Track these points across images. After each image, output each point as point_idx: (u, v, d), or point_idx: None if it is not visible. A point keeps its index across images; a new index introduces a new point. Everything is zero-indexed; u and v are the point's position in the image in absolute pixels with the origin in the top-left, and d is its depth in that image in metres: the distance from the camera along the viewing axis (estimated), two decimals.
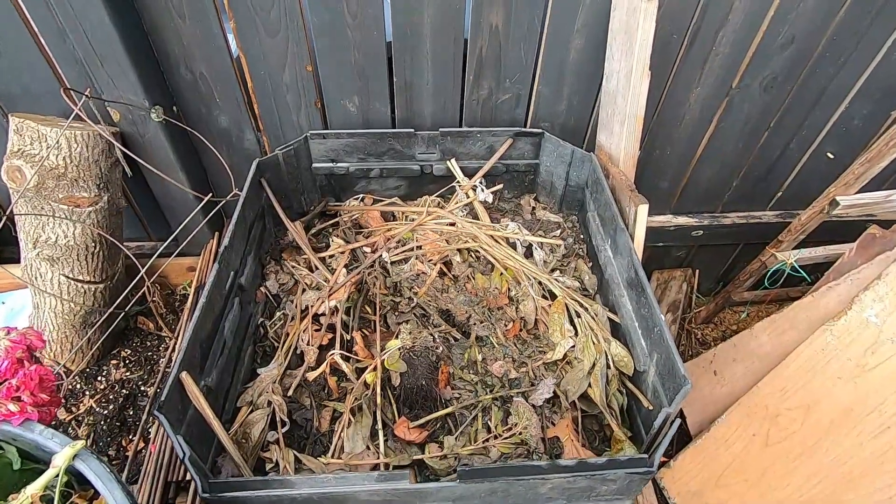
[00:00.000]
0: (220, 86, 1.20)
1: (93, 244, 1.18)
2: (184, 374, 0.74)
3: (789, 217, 1.60)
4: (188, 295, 1.46)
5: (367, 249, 1.19)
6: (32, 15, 1.05)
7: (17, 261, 1.32)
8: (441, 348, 0.99)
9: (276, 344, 1.04)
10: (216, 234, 1.43)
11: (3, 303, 1.39)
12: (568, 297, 1.04)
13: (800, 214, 1.36)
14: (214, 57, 1.15)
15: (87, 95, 1.06)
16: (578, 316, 1.02)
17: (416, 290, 1.13)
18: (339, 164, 1.27)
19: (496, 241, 1.17)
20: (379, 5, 1.10)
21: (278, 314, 1.07)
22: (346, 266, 1.14)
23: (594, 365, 0.95)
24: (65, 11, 1.00)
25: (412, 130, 1.22)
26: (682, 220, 1.62)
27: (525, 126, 1.32)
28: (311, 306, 1.04)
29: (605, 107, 1.19)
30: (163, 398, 0.69)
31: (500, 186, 1.29)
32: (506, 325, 1.09)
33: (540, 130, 1.24)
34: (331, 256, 1.17)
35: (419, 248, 1.19)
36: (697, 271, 1.82)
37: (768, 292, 1.66)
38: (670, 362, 0.78)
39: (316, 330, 1.01)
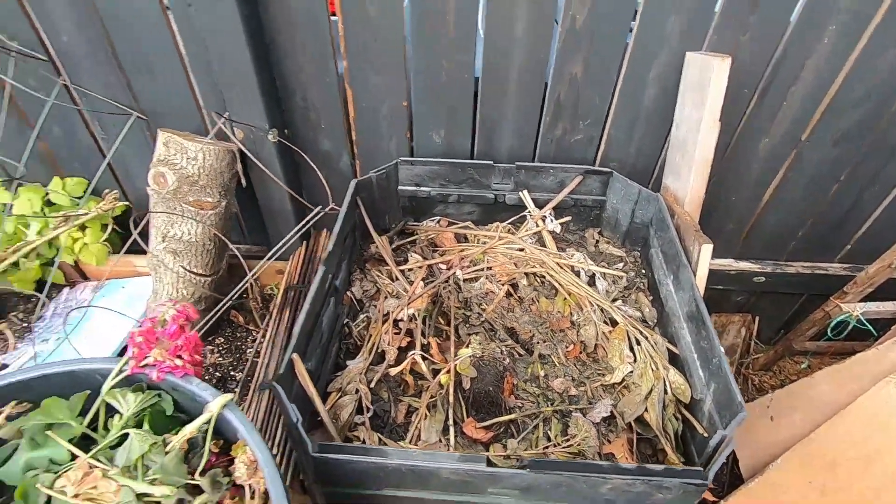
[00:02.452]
0: (327, 115, 1.39)
1: (209, 242, 1.37)
2: (295, 355, 0.87)
3: (857, 270, 1.59)
4: (274, 294, 1.63)
5: (443, 266, 1.32)
6: (186, 50, 1.27)
7: (140, 252, 1.54)
8: (507, 360, 1.09)
9: (358, 343, 1.17)
10: (304, 242, 1.60)
11: (124, 287, 1.61)
12: (629, 325, 1.11)
13: (867, 268, 1.37)
14: (325, 90, 1.33)
15: (226, 118, 1.26)
16: (638, 344, 1.09)
17: (485, 307, 1.24)
18: (421, 188, 1.42)
19: (562, 269, 1.26)
20: (472, 53, 1.26)
21: (361, 317, 1.20)
22: (423, 280, 1.26)
23: (651, 390, 1.01)
24: (214, 48, 1.21)
25: (491, 163, 1.35)
26: (745, 265, 1.65)
27: (594, 164, 1.42)
28: (392, 312, 1.17)
29: (673, 152, 1.28)
30: (280, 372, 0.83)
31: (569, 219, 1.39)
32: (566, 347, 1.17)
33: (609, 170, 1.33)
34: (409, 270, 1.30)
35: (489, 269, 1.29)
36: (757, 318, 1.81)
37: (831, 344, 1.64)
38: (728, 392, 0.83)
39: (395, 333, 1.13)
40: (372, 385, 1.02)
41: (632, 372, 1.07)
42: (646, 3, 1.16)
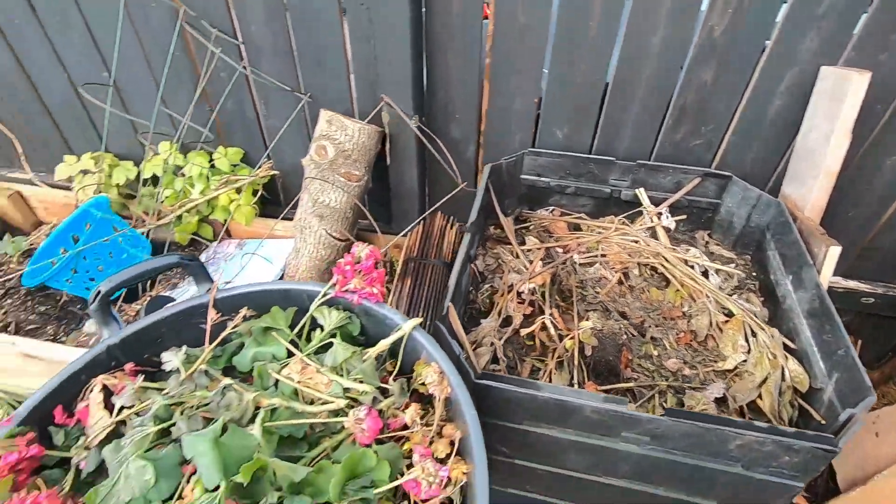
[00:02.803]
0: (462, 107, 1.54)
1: (349, 211, 1.56)
2: (450, 304, 1.02)
3: None
4: (391, 264, 1.81)
5: (559, 250, 1.43)
6: (352, 47, 1.47)
7: (274, 218, 1.77)
8: (625, 336, 1.18)
9: (482, 309, 1.30)
10: (423, 222, 1.76)
11: (262, 246, 1.84)
12: (747, 317, 1.17)
13: None
14: (466, 85, 1.49)
15: (387, 102, 1.45)
16: (754, 335, 1.15)
17: (599, 290, 1.33)
18: (542, 179, 1.54)
19: (676, 262, 1.34)
20: (608, 59, 1.37)
21: (485, 286, 1.34)
22: (541, 260, 1.38)
23: (767, 378, 1.07)
24: (380, 45, 1.39)
25: (613, 159, 1.45)
26: (853, 284, 1.64)
27: (710, 168, 1.49)
28: (515, 285, 1.29)
29: (797, 160, 1.32)
30: (443, 314, 0.97)
31: (684, 217, 1.46)
32: (677, 334, 1.25)
33: (729, 174, 1.40)
34: (528, 251, 1.42)
35: (604, 256, 1.39)
36: (860, 341, 1.78)
37: None
38: (854, 379, 0.89)
39: (519, 303, 1.26)
40: (501, 342, 1.14)
41: (745, 361, 1.13)
42: (785, 19, 1.23)
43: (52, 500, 0.65)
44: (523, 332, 1.15)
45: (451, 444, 0.79)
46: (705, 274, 1.35)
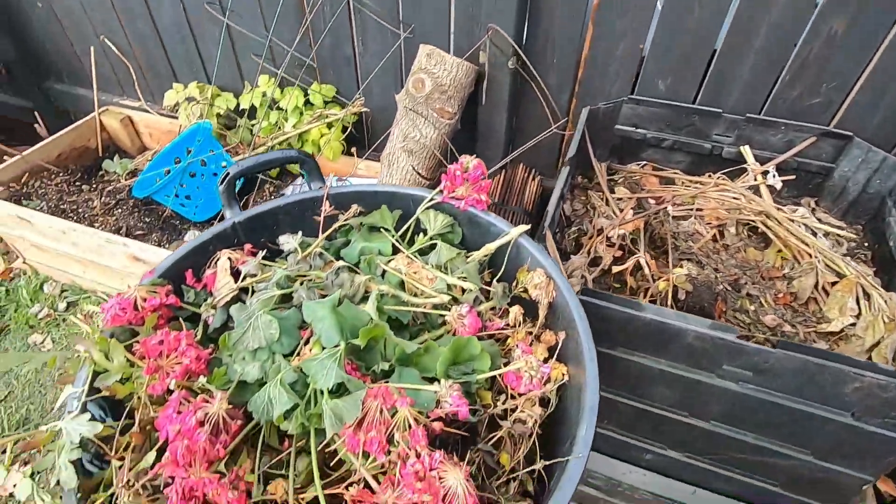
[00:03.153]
0: (562, 51, 1.51)
1: (437, 148, 1.58)
2: (548, 231, 1.01)
3: None
4: None
5: (652, 202, 1.38)
6: None
7: (361, 157, 1.81)
8: (721, 286, 1.13)
9: (568, 250, 1.29)
10: (503, 170, 1.76)
11: (346, 182, 1.90)
12: (861, 278, 1.10)
13: None
14: (569, 28, 1.45)
15: (495, 29, 1.44)
16: (867, 297, 1.07)
17: (692, 244, 1.29)
18: (638, 130, 1.49)
19: (781, 222, 1.27)
20: (727, 2, 1.29)
21: (573, 228, 1.32)
22: (631, 209, 1.34)
23: (879, 342, 1.00)
24: None
25: (719, 111, 1.38)
26: None
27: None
28: (605, 228, 1.27)
29: None
30: (541, 234, 0.97)
31: (793, 177, 1.37)
32: (776, 294, 1.18)
33: (849, 133, 1.30)
34: (619, 199, 1.39)
35: (699, 210, 1.34)
36: None
37: None
38: None
39: (608, 246, 1.23)
40: (591, 278, 1.13)
41: (854, 325, 1.06)
42: None
43: (189, 339, 0.71)
44: (615, 269, 1.13)
45: (550, 350, 0.79)
46: (813, 236, 1.26)
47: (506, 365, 0.76)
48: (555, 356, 0.77)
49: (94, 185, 1.99)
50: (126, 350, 0.67)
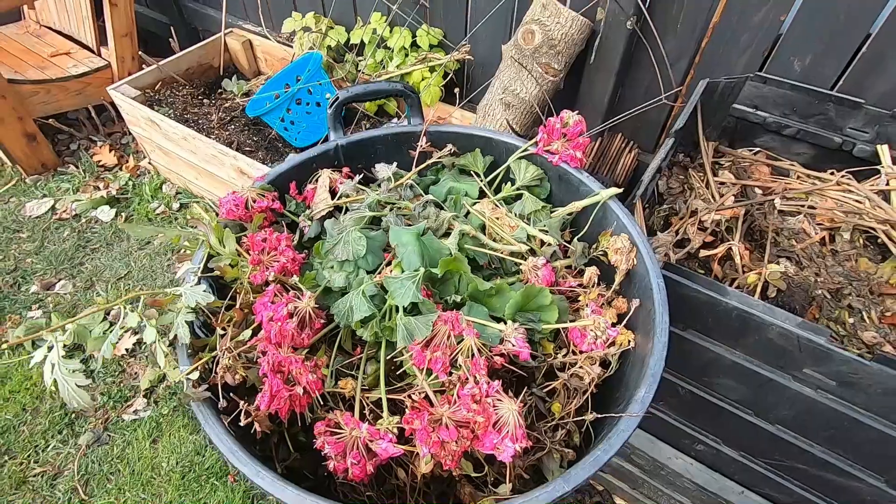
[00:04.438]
0: (690, 13, 1.39)
1: (535, 106, 1.55)
2: (639, 199, 0.98)
3: None
4: None
5: (758, 191, 1.28)
6: None
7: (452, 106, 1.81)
8: (819, 292, 1.05)
9: (655, 228, 1.24)
10: (599, 138, 1.69)
11: None
12: None
13: None
14: None
15: None
16: None
17: (794, 243, 1.19)
18: (757, 112, 1.36)
19: None
20: None
21: (664, 206, 1.26)
22: (733, 196, 1.25)
23: None
24: None
25: (861, 101, 1.23)
26: None
27: None
28: (700, 211, 1.20)
29: None
30: (630, 202, 0.94)
31: None
32: (883, 313, 1.08)
33: None
34: (721, 183, 1.30)
35: (812, 209, 1.22)
36: None
37: None
38: None
39: (700, 229, 1.17)
40: (675, 258, 1.08)
41: None
42: None
43: (288, 241, 0.78)
44: (703, 253, 1.08)
45: (619, 316, 0.79)
46: None
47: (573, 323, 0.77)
48: (623, 323, 0.77)
49: (213, 101, 2.17)
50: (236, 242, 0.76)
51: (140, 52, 2.40)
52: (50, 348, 0.63)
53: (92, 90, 2.44)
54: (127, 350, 1.80)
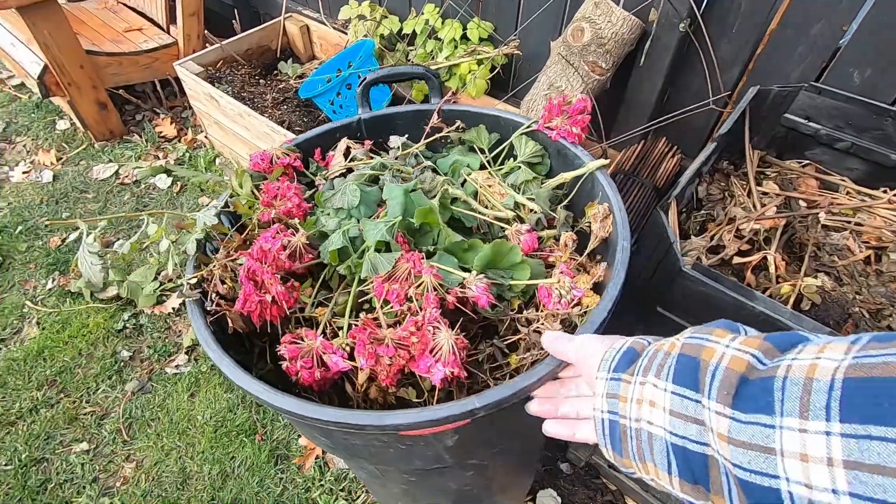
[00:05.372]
0: (748, 19, 1.37)
1: None
2: (674, 200, 0.98)
3: None
4: None
5: (803, 203, 1.26)
6: None
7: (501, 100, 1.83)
8: (857, 310, 1.03)
9: (689, 233, 1.23)
10: (642, 140, 1.68)
11: None
12: None
13: None
14: None
15: None
16: None
17: (836, 259, 1.16)
18: (809, 124, 1.33)
19: None
20: None
21: (703, 212, 1.25)
22: (775, 207, 1.23)
23: None
24: None
25: None
26: None
27: None
28: (738, 219, 1.19)
29: None
30: (667, 201, 0.95)
31: None
32: None
33: None
34: (764, 193, 1.28)
35: (859, 225, 1.19)
36: None
37: None
38: None
39: (736, 237, 1.16)
40: (707, 263, 1.08)
41: None
42: None
43: (297, 191, 0.86)
44: (736, 261, 1.08)
45: (595, 284, 0.80)
46: None
47: None
48: (591, 286, 0.78)
49: (269, 81, 2.27)
50: (255, 188, 0.85)
51: (205, 32, 2.53)
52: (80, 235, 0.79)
53: (159, 65, 2.59)
54: (174, 309, 1.92)
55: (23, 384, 1.70)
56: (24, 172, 2.52)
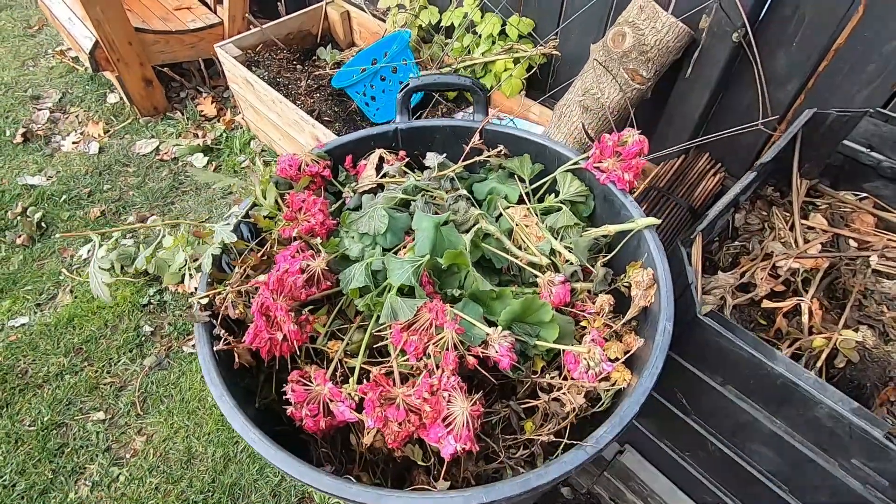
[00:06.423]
0: (809, 32, 1.23)
1: (616, 113, 1.46)
2: (699, 233, 0.90)
3: None
4: None
5: (853, 243, 1.13)
6: None
7: (536, 101, 1.75)
8: None
9: (720, 265, 1.14)
10: (682, 156, 1.57)
11: (511, 122, 1.88)
12: None
13: None
14: (832, 3, 1.17)
15: (721, 2, 1.24)
16: None
17: (885, 309, 1.04)
18: (871, 154, 1.19)
19: None
20: None
21: (736, 243, 1.15)
22: (820, 243, 1.11)
23: None
24: None
25: None
26: None
27: None
28: (776, 255, 1.08)
29: None
30: (690, 237, 0.87)
31: None
32: None
33: None
34: (809, 227, 1.16)
35: None
36: None
37: None
38: None
39: (770, 275, 1.06)
40: (734, 303, 0.99)
41: None
42: None
43: (323, 206, 0.82)
44: (766, 304, 0.98)
45: (626, 352, 0.74)
46: None
47: None
48: (624, 360, 0.72)
49: (306, 67, 2.26)
50: (279, 197, 0.82)
51: (249, 14, 2.55)
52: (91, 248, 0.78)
53: (204, 45, 2.63)
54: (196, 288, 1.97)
55: (52, 349, 1.79)
56: (73, 143, 2.64)
